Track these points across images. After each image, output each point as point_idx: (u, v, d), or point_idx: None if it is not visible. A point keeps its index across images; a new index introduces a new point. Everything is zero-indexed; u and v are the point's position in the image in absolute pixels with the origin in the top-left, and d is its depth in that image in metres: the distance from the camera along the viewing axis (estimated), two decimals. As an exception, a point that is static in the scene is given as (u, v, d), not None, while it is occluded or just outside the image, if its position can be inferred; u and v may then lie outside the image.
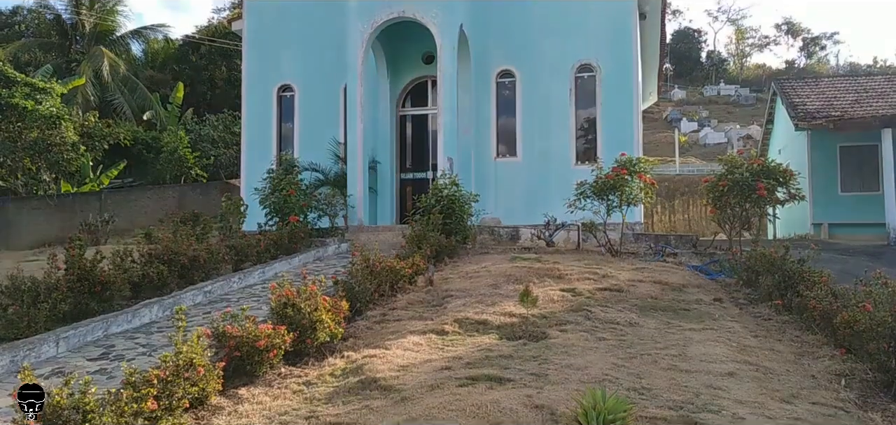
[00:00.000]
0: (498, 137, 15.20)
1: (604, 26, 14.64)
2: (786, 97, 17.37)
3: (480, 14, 15.19)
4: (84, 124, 16.99)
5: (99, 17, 26.84)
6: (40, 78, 17.62)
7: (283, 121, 16.53)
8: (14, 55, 24.00)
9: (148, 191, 20.52)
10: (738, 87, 53.46)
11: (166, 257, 8.39)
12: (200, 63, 31.00)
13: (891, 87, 17.55)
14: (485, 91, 15.17)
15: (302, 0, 16.33)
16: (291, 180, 12.89)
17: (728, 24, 65.16)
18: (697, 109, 47.23)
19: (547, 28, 14.92)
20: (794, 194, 10.25)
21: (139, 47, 30.39)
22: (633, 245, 12.12)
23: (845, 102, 16.47)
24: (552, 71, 14.82)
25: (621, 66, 14.48)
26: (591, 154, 14.19)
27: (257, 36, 16.69)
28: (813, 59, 61.64)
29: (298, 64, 16.27)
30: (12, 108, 15.12)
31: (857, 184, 16.24)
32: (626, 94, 14.45)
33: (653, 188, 11.52)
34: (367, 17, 13.90)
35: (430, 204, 11.17)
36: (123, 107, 25.33)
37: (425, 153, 15.59)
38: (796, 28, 62.59)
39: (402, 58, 15.51)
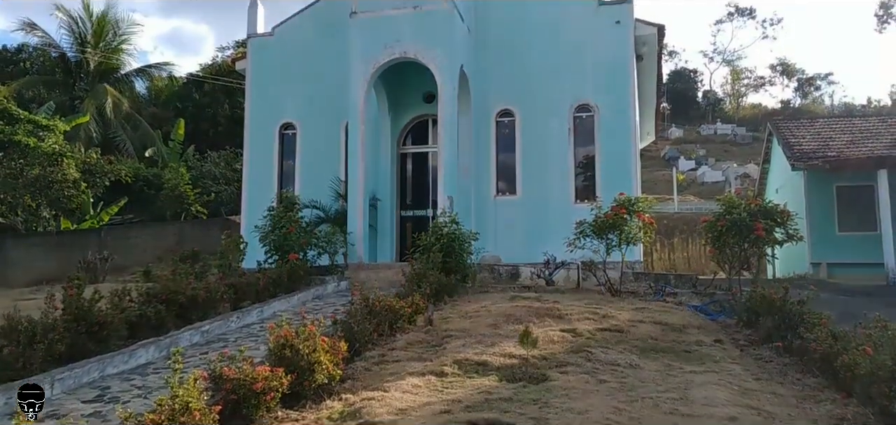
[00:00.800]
0: (498, 176, 15.30)
1: (601, 67, 14.85)
2: (782, 137, 17.52)
3: (481, 55, 15.44)
4: (86, 161, 17.07)
5: (104, 55, 27.20)
6: (44, 115, 17.78)
7: (284, 159, 16.66)
8: (18, 92, 24.25)
9: (148, 228, 20.52)
10: (734, 126, 53.94)
11: (164, 296, 8.36)
12: (204, 100, 31.32)
13: (885, 127, 17.73)
14: (485, 130, 15.33)
15: (305, 40, 16.62)
16: (292, 217, 12.93)
17: (723, 64, 65.99)
18: (695, 148, 47.56)
19: (546, 69, 15.14)
20: (791, 235, 10.27)
21: (143, 85, 30.74)
22: (633, 284, 12.09)
23: (841, 143, 16.61)
24: (551, 110, 14.99)
25: (619, 106, 14.65)
26: (591, 192, 14.27)
27: (260, 75, 16.91)
28: (808, 99, 62.32)
29: (300, 102, 16.45)
30: (15, 145, 15.22)
31: (855, 223, 16.27)
32: (623, 133, 14.59)
33: (652, 227, 11.54)
34: (369, 57, 14.09)
35: (430, 242, 11.17)
36: (126, 144, 25.51)
37: (426, 191, 15.66)
38: (791, 69, 63.42)
39: (404, 97, 15.68)
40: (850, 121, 20.10)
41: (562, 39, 15.14)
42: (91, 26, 27.55)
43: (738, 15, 64.00)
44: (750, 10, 63.77)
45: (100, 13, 27.92)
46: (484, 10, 15.64)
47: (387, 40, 14.02)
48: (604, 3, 15.01)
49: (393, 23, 14.04)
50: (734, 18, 64.26)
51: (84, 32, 27.48)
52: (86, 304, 7.09)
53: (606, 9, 14.96)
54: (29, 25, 27.40)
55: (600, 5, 15.01)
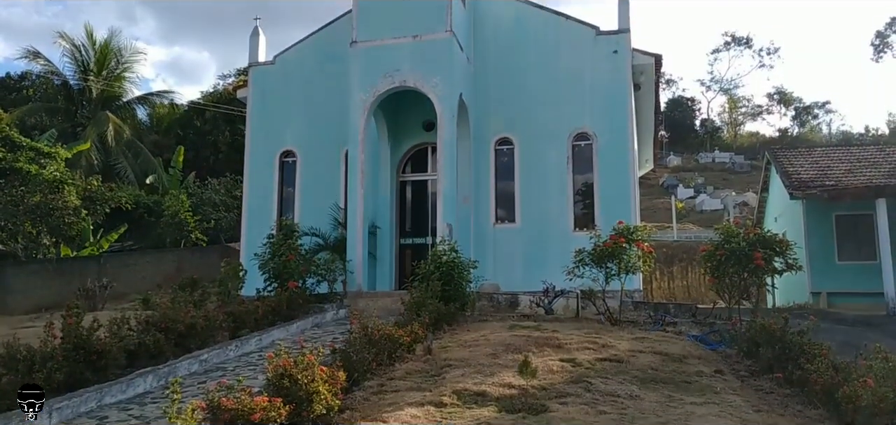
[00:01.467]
0: (496, 203, 15.35)
1: (599, 96, 14.98)
2: (780, 166, 17.60)
3: (480, 83, 15.58)
4: (87, 188, 17.12)
5: (106, 83, 27.43)
6: (45, 142, 17.89)
7: (284, 186, 16.73)
8: (21, 119, 24.42)
9: (147, 256, 20.51)
10: (732, 155, 54.20)
11: (163, 325, 8.34)
12: (205, 128, 31.52)
13: (883, 156, 17.81)
14: (484, 157, 15.41)
15: (305, 68, 16.78)
16: (291, 245, 12.93)
17: (721, 93, 66.48)
18: (693, 176, 47.74)
19: (544, 97, 15.27)
20: (791, 264, 10.28)
21: (144, 112, 30.94)
22: (632, 313, 12.07)
23: (839, 172, 16.68)
24: (549, 138, 15.09)
25: (617, 134, 14.75)
26: (589, 220, 14.31)
27: (261, 103, 17.04)
28: (805, 127, 62.68)
29: (301, 130, 16.56)
30: (16, 172, 15.29)
31: (855, 252, 16.28)
32: (622, 161, 14.68)
33: (651, 256, 11.55)
34: (369, 86, 14.21)
35: (429, 270, 11.17)
36: (126, 171, 25.60)
37: (425, 218, 15.69)
38: (788, 97, 63.87)
39: (403, 125, 15.78)
40: (848, 149, 20.20)
41: (560, 68, 15.29)
42: (94, 54, 27.82)
43: (735, 44, 64.67)
44: (747, 40, 64.47)
45: (103, 41, 28.25)
46: (483, 39, 15.82)
47: (386, 69, 14.15)
48: (601, 34, 15.20)
49: (392, 52, 14.19)
50: (731, 47, 64.91)
51: (87, 60, 27.74)
52: (84, 333, 7.07)
53: (604, 39, 15.14)
54: (32, 53, 27.69)
55: (598, 35, 15.19)
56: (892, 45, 56.91)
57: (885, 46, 57.05)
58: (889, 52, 57.10)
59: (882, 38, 57.05)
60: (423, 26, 14.09)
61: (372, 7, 14.47)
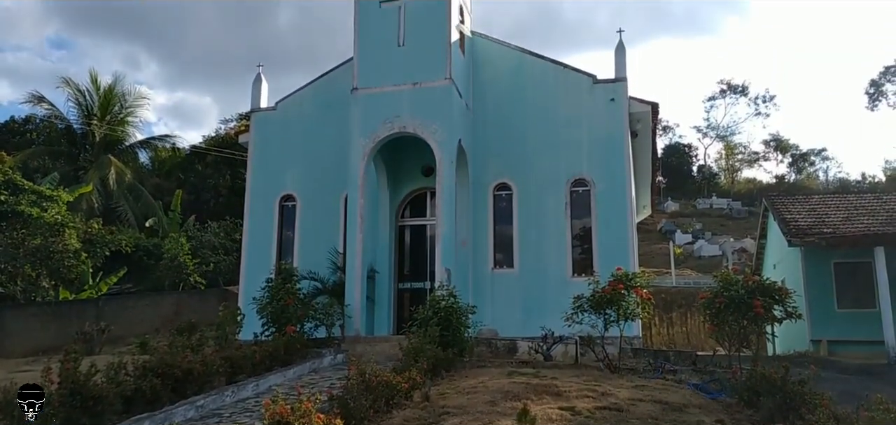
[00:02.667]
0: (495, 249, 15.39)
1: (597, 143, 15.16)
2: (777, 213, 17.71)
3: (478, 129, 15.78)
4: (87, 231, 17.17)
5: (109, 127, 27.72)
6: (47, 185, 18.02)
7: (283, 230, 16.79)
8: (24, 162, 24.61)
9: (145, 299, 20.43)
10: (730, 201, 54.39)
11: (160, 370, 8.29)
12: (206, 171, 31.74)
13: (880, 204, 17.92)
14: (482, 203, 15.51)
15: (306, 114, 17.01)
16: (290, 289, 12.93)
17: (717, 140, 67.07)
18: (691, 221, 47.85)
19: (542, 144, 15.45)
20: (791, 313, 10.27)
21: (146, 155, 31.17)
22: (631, 360, 11.99)
23: (836, 219, 16.77)
24: (548, 184, 15.21)
25: (614, 181, 14.88)
26: (588, 266, 14.33)
27: (262, 148, 17.22)
28: (802, 174, 63.04)
29: (301, 175, 16.70)
30: (17, 215, 15.36)
31: (854, 300, 16.25)
32: (620, 207, 14.77)
33: (650, 303, 11.53)
34: (369, 131, 14.40)
35: (428, 315, 11.15)
36: (127, 214, 25.67)
37: (423, 263, 15.71)
38: (784, 144, 64.39)
39: (402, 170, 15.92)
40: (845, 197, 20.34)
41: (558, 115, 15.50)
42: (98, 99, 28.17)
43: (731, 92, 65.47)
44: (742, 88, 65.27)
45: (107, 86, 28.67)
46: (482, 87, 16.08)
47: (386, 115, 14.36)
48: (598, 82, 15.46)
49: (393, 98, 14.41)
50: (727, 95, 65.72)
51: (91, 105, 28.09)
52: (82, 378, 7.02)
53: (601, 87, 15.40)
54: (37, 98, 28.05)
55: (595, 84, 15.45)
56: (886, 94, 57.69)
57: (880, 95, 57.80)
58: (884, 100, 57.84)
59: (877, 87, 57.82)
60: (422, 73, 14.34)
61: (373, 55, 14.76)
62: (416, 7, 14.74)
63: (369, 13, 14.95)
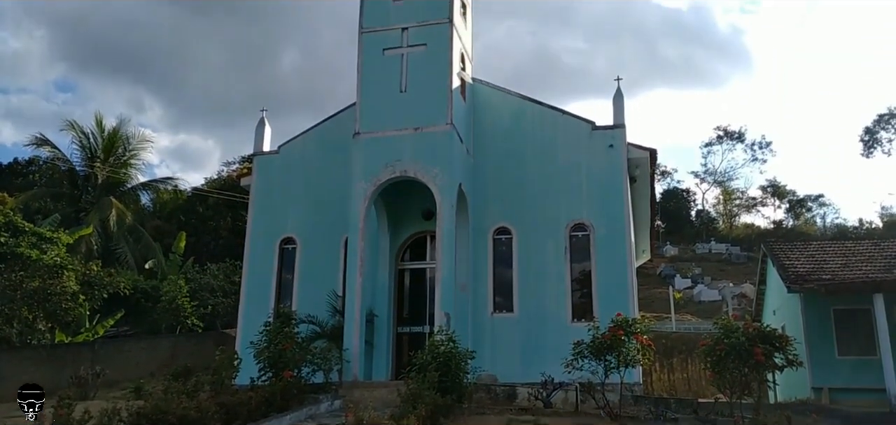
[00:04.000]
0: (494, 292, 15.35)
1: (596, 188, 15.27)
2: (776, 259, 17.72)
3: (479, 173, 15.90)
4: (86, 273, 17.14)
5: (111, 170, 27.89)
6: (48, 227, 18.06)
7: (283, 273, 16.78)
8: (25, 204, 24.68)
9: (142, 342, 20.28)
10: (729, 246, 54.50)
11: (155, 417, 8.20)
12: (207, 213, 31.85)
13: (878, 251, 17.94)
14: (482, 247, 15.54)
15: (308, 158, 17.17)
16: (287, 334, 12.86)
17: (715, 185, 67.47)
18: (690, 266, 47.87)
19: (542, 188, 15.56)
20: (791, 360, 10.23)
21: (148, 197, 31.25)
22: (632, 408, 11.85)
23: (835, 266, 16.78)
24: (547, 229, 15.27)
25: (614, 225, 14.94)
26: (588, 311, 14.29)
27: (264, 191, 17.32)
28: (800, 220, 63.23)
29: (302, 217, 16.78)
30: (17, 257, 15.36)
31: (854, 347, 16.13)
32: (619, 252, 14.79)
33: (650, 349, 11.48)
34: (370, 175, 14.49)
35: (426, 360, 11.07)
36: (126, 256, 25.64)
37: (423, 306, 15.66)
38: (782, 190, 64.76)
39: (403, 213, 15.96)
40: (843, 243, 20.35)
41: (557, 161, 15.65)
42: (101, 142, 28.40)
43: (728, 138, 66.14)
44: (739, 134, 65.97)
45: (111, 129, 28.94)
46: (482, 132, 16.26)
47: (388, 159, 14.47)
48: (597, 129, 15.64)
49: (394, 143, 14.55)
50: (724, 141, 66.35)
51: (94, 147, 28.31)
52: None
53: (600, 133, 15.58)
54: (40, 140, 28.29)
55: (594, 130, 15.64)
56: (881, 141, 58.23)
57: (875, 142, 58.34)
58: (879, 147, 58.34)
59: (871, 134, 58.41)
60: (424, 118, 14.51)
61: (375, 100, 14.96)
62: (419, 54, 15.00)
63: (373, 60, 15.21)
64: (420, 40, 15.06)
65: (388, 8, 15.52)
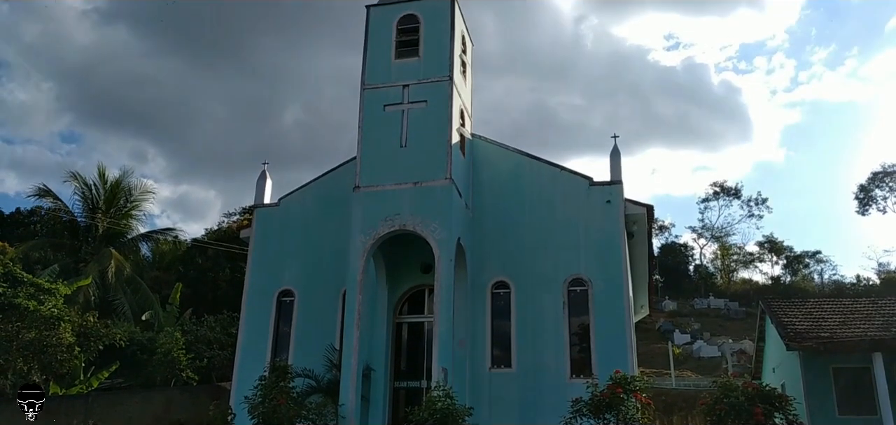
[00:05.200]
0: (492, 347, 15.29)
1: (594, 243, 15.38)
2: (774, 316, 17.70)
3: (477, 228, 16.02)
4: (82, 324, 17.06)
5: (113, 220, 27.97)
6: (47, 277, 18.04)
7: (280, 325, 16.73)
8: (26, 254, 24.67)
9: (136, 395, 20.00)
10: (727, 301, 54.35)
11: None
12: (206, 264, 31.84)
13: (876, 309, 17.92)
14: (480, 301, 15.54)
15: (308, 211, 17.32)
16: (283, 388, 12.75)
17: (712, 240, 67.65)
18: (689, 321, 47.67)
19: (540, 243, 15.67)
20: (791, 420, 10.17)
21: (148, 248, 31.23)
22: (632, 467, 11.69)
23: (833, 323, 16.76)
24: (545, 284, 15.31)
25: (612, 281, 14.99)
26: (586, 366, 14.24)
27: (263, 243, 17.40)
28: (798, 276, 63.19)
29: (300, 270, 16.81)
30: (14, 308, 15.32)
31: (854, 407, 15.96)
32: (618, 308, 14.81)
33: (650, 408, 11.40)
34: (369, 229, 14.56)
35: (423, 417, 10.99)
36: (124, 307, 25.49)
37: (420, 360, 15.57)
38: (779, 246, 64.90)
39: (401, 266, 15.97)
40: (841, 301, 20.37)
41: (555, 216, 15.80)
42: (104, 193, 28.57)
43: (724, 194, 66.65)
44: (735, 190, 66.51)
45: (114, 180, 29.13)
46: (481, 186, 16.46)
47: (387, 213, 14.56)
48: (594, 185, 15.85)
49: (393, 197, 14.67)
50: (720, 197, 66.83)
51: (96, 198, 28.45)
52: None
53: (597, 189, 15.78)
54: (44, 191, 28.45)
55: (591, 186, 15.84)
56: (876, 199, 58.64)
57: (870, 200, 58.71)
58: (874, 205, 58.71)
59: (866, 192, 58.82)
60: (424, 173, 14.66)
61: (376, 154, 15.15)
62: (419, 111, 15.27)
63: (374, 115, 15.48)
64: (421, 97, 15.36)
65: (390, 65, 15.89)
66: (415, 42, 15.96)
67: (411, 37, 16.04)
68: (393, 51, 15.96)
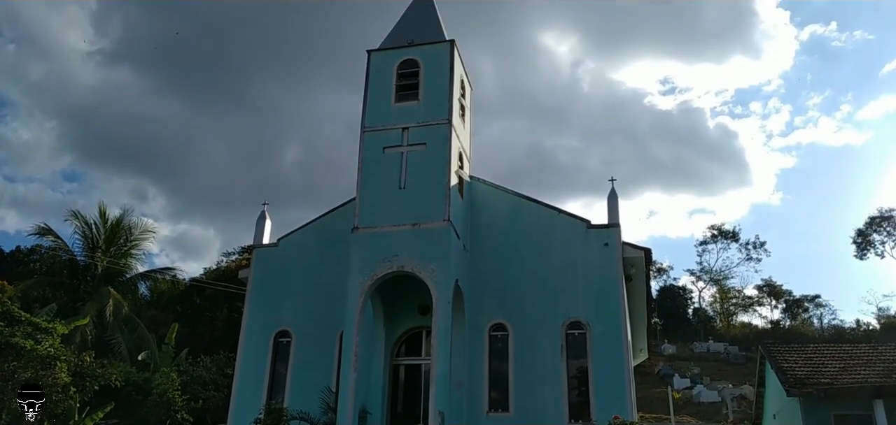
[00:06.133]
0: (490, 390, 15.18)
1: (592, 286, 15.41)
2: (774, 362, 17.62)
3: (475, 270, 16.04)
4: (78, 364, 16.94)
5: (112, 260, 27.94)
6: (44, 317, 17.95)
7: (276, 366, 16.65)
8: (25, 292, 24.60)
9: (130, 436, 19.69)
10: (727, 345, 53.94)
11: None
12: (204, 304, 31.74)
13: (876, 355, 17.84)
14: (478, 343, 15.48)
15: (307, 252, 17.39)
16: (277, 432, 12.62)
17: (711, 283, 67.46)
18: (689, 365, 47.25)
19: (538, 285, 15.68)
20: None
21: (146, 287, 31.11)
22: (631, 514, 11.55)
23: (833, 370, 16.67)
24: (543, 326, 15.28)
25: (610, 324, 14.98)
26: (585, 410, 14.13)
27: (261, 284, 17.41)
28: (797, 320, 62.84)
29: (298, 311, 16.79)
30: (11, 347, 15.24)
31: (857, 454, 15.84)
32: (616, 351, 14.76)
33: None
34: (367, 270, 14.59)
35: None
36: (120, 347, 25.30)
37: (417, 403, 15.43)
38: (778, 290, 64.66)
39: (399, 308, 15.97)
40: (841, 346, 20.25)
41: (553, 258, 15.86)
42: (104, 232, 28.60)
43: (722, 237, 66.68)
44: (733, 234, 66.56)
45: (114, 219, 29.19)
46: (479, 228, 16.54)
47: (385, 254, 14.61)
48: (592, 227, 15.95)
49: (392, 238, 14.74)
50: (718, 240, 66.85)
51: (97, 237, 28.47)
52: None
53: (595, 232, 15.88)
54: (44, 230, 28.49)
55: (589, 229, 15.94)
56: (874, 244, 58.69)
57: (868, 245, 58.76)
58: (872, 249, 58.74)
59: (863, 237, 58.91)
60: (422, 215, 14.77)
61: (375, 196, 15.28)
62: (418, 153, 15.45)
63: (373, 157, 15.67)
64: (420, 139, 15.57)
65: (390, 108, 16.15)
66: (415, 86, 16.25)
67: (411, 81, 16.33)
68: (393, 94, 16.25)
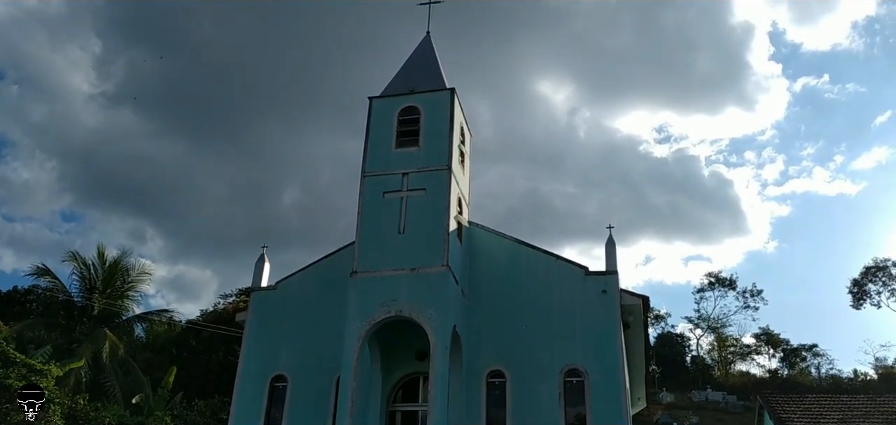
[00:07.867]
0: (488, 438, 15.00)
1: (590, 333, 15.36)
2: (773, 413, 17.55)
3: (473, 315, 16.01)
4: (72, 407, 16.76)
5: (108, 301, 27.81)
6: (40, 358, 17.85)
7: (272, 411, 16.43)
8: (20, 333, 24.42)
9: (120, 481, 19.35)
10: (725, 394, 53.46)
11: None
12: (199, 347, 31.45)
13: (875, 406, 17.79)
14: (476, 389, 15.35)
15: (304, 295, 17.33)
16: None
17: (709, 331, 67.15)
18: (687, 414, 46.75)
19: (536, 332, 15.63)
20: None
21: (142, 328, 30.86)
22: None
23: (832, 421, 16.62)
24: (541, 373, 15.18)
25: (608, 371, 14.90)
26: (583, 460, 13.93)
27: (258, 327, 17.32)
28: (795, 369, 62.43)
29: (294, 356, 16.67)
30: (5, 389, 15.14)
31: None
32: (614, 399, 14.66)
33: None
34: (365, 314, 14.51)
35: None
36: (115, 390, 25.01)
37: (414, 451, 15.24)
38: (775, 339, 64.37)
39: (396, 353, 15.87)
40: (839, 397, 20.21)
41: (551, 305, 15.85)
42: (102, 273, 28.54)
43: (719, 285, 66.61)
44: (730, 281, 66.51)
45: (112, 260, 29.15)
46: (477, 274, 16.55)
47: (383, 298, 14.54)
48: (590, 274, 15.99)
49: (390, 283, 14.69)
50: (716, 288, 66.77)
51: (94, 278, 28.40)
52: None
53: (593, 279, 15.91)
54: (42, 270, 28.43)
55: (587, 275, 15.98)
56: (870, 294, 58.65)
57: (864, 295, 58.72)
58: (868, 299, 58.67)
59: (859, 287, 58.91)
60: (421, 260, 14.76)
61: (374, 240, 15.31)
62: (418, 198, 15.55)
63: (373, 201, 15.75)
64: (419, 185, 15.70)
65: (390, 154, 16.33)
66: (415, 132, 16.47)
67: (412, 127, 16.56)
68: (394, 140, 16.45)
